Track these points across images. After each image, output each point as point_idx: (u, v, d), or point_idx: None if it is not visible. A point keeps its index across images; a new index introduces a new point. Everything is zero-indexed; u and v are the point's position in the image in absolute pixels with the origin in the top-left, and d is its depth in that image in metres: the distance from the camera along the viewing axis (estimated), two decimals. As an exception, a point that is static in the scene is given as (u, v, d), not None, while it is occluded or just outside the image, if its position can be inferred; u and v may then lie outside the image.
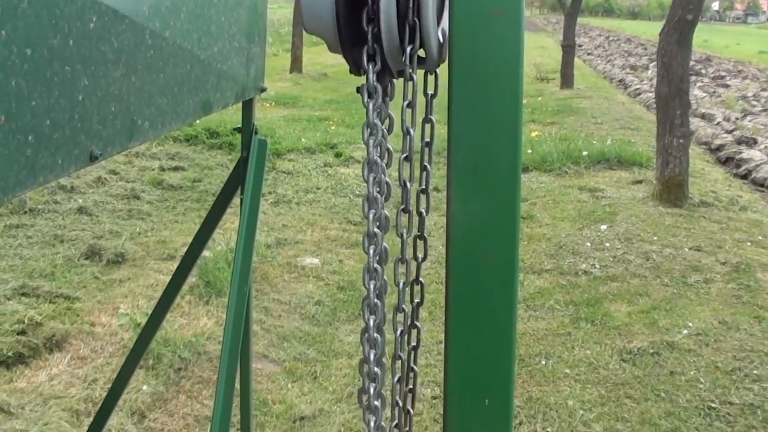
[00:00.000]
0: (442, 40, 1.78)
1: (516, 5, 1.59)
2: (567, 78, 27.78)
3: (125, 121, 1.81)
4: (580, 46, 46.54)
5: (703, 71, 36.35)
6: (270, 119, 18.86)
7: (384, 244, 1.78)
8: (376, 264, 1.75)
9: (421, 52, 1.74)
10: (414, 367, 1.94)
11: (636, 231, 10.74)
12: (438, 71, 1.83)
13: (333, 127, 18.29)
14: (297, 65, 31.11)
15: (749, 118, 20.63)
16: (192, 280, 8.24)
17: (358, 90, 1.75)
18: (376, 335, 1.76)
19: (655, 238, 10.49)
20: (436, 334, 6.94)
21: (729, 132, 18.59)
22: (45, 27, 1.43)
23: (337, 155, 15.19)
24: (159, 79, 1.99)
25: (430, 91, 1.86)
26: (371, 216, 1.74)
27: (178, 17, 2.07)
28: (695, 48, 15.76)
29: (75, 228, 10.22)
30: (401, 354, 1.87)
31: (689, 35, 12.23)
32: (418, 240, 1.86)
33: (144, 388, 6.33)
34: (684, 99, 12.24)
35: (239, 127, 2.90)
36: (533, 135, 17.02)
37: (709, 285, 9.00)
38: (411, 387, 1.96)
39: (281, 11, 59.17)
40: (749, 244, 10.39)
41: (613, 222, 11.17)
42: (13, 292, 7.94)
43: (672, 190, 12.09)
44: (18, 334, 6.92)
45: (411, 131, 1.75)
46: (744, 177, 14.86)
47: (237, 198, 2.85)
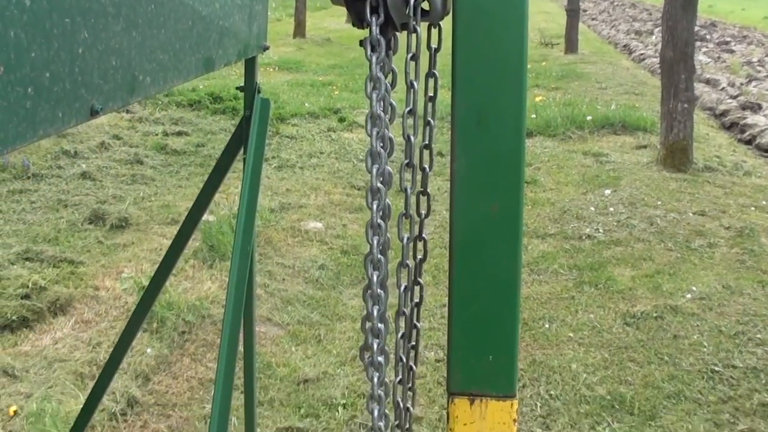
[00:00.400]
0: None
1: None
2: (571, 43, 27.62)
3: (126, 76, 1.79)
4: (584, 11, 46.26)
5: (708, 36, 36.09)
6: (273, 84, 18.79)
7: (387, 200, 1.76)
8: (379, 219, 1.73)
9: (425, 4, 1.71)
10: (417, 324, 1.93)
11: (640, 196, 10.72)
12: (442, 24, 1.81)
13: (336, 92, 18.22)
14: (300, 30, 30.92)
15: (754, 83, 20.50)
16: (195, 244, 8.24)
17: (361, 43, 1.73)
18: (379, 291, 1.75)
19: (659, 202, 10.47)
20: (439, 297, 6.94)
21: (733, 97, 18.48)
22: (44, -23, 1.41)
23: (341, 120, 15.14)
24: (160, 35, 1.97)
25: (433, 45, 1.84)
26: (375, 171, 1.72)
27: None
28: (700, 13, 15.66)
29: (78, 193, 10.22)
30: (405, 310, 1.86)
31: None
32: (421, 196, 1.84)
33: (148, 351, 6.34)
34: (689, 63, 12.17)
35: (242, 86, 2.88)
36: (537, 100, 16.95)
37: (713, 249, 8.99)
38: (414, 344, 1.95)
39: (284, -24, 58.80)
40: (753, 209, 10.36)
41: (617, 187, 11.14)
42: (17, 256, 7.94)
43: (676, 154, 12.05)
44: (22, 298, 6.94)
45: (415, 84, 1.74)
46: (748, 142, 14.78)
47: (240, 161, 2.83)
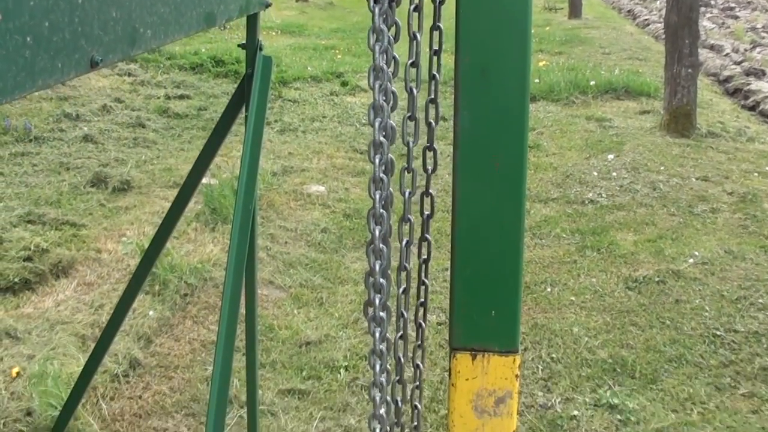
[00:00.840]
0: None
1: None
2: (575, 8, 27.48)
3: (127, 28, 1.77)
4: (588, -25, 45.86)
5: (713, 2, 35.83)
6: (276, 48, 18.69)
7: (390, 154, 1.74)
8: (381, 174, 1.72)
9: None
10: (425, 281, 1.92)
11: (643, 161, 10.69)
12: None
13: (339, 56, 18.14)
14: (303, -6, 30.78)
15: (758, 49, 20.36)
16: (197, 207, 8.23)
17: None
18: (381, 246, 1.74)
19: (662, 167, 10.44)
20: (442, 261, 6.93)
21: (737, 63, 18.37)
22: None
23: (344, 84, 15.08)
24: None
25: None
26: (377, 124, 1.70)
27: None
28: (705, -23, 15.55)
29: (80, 156, 10.20)
30: (407, 265, 1.85)
31: (700, -38, 12.06)
32: (427, 151, 1.82)
33: (150, 313, 6.35)
34: (693, 28, 12.09)
35: (243, 44, 2.85)
36: (541, 64, 16.86)
37: (716, 215, 8.97)
38: (423, 300, 1.94)
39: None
40: (756, 174, 10.33)
41: (620, 152, 11.11)
42: (19, 219, 7.94)
43: (679, 120, 12.00)
44: (24, 260, 6.94)
45: (418, 36, 1.71)
46: (752, 108, 14.70)
47: (242, 124, 2.80)
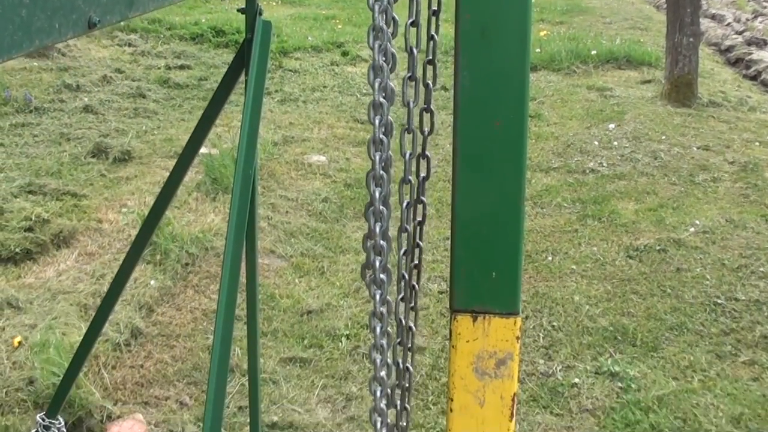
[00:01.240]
0: None
1: None
2: (577, -23, 27.32)
3: None
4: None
5: (715, -29, 35.68)
6: (276, 18, 18.59)
7: (389, 116, 1.73)
8: (381, 135, 1.71)
9: None
10: (420, 243, 1.91)
11: (644, 130, 10.66)
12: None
13: (340, 26, 18.05)
14: (303, -37, 30.58)
15: (760, 19, 20.24)
16: (198, 177, 8.23)
17: None
18: (381, 208, 1.73)
19: (664, 137, 10.42)
20: (443, 230, 6.93)
21: (739, 33, 18.26)
22: None
23: (344, 54, 15.02)
24: None
25: None
26: (377, 85, 1.69)
27: None
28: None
29: (81, 126, 10.18)
30: (407, 227, 1.84)
31: (703, -70, 11.98)
32: (424, 113, 1.81)
33: (152, 283, 6.36)
34: (695, -3, 12.05)
35: (243, 8, 2.83)
36: (542, 34, 16.78)
37: (717, 184, 8.97)
38: (417, 263, 1.94)
39: None
40: (757, 144, 10.32)
41: (622, 121, 11.08)
42: (20, 189, 7.94)
43: (681, 89, 11.96)
44: (25, 230, 6.94)
45: None
46: (753, 78, 14.65)
47: (241, 95, 2.79)
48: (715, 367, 5.69)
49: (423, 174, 1.85)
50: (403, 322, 1.93)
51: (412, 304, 1.99)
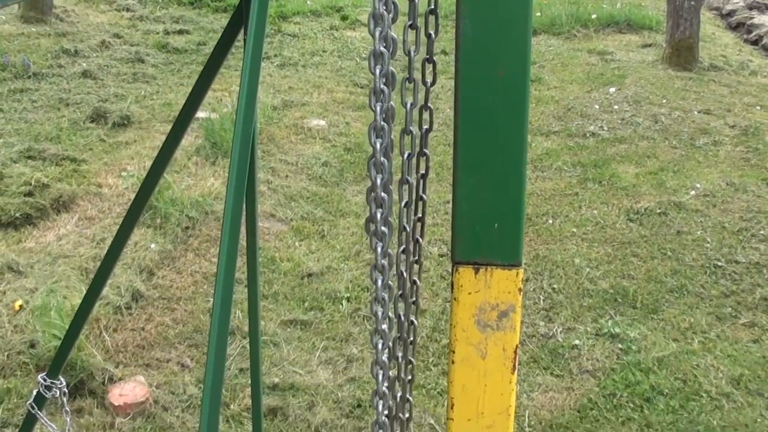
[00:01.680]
0: None
1: None
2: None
3: None
4: None
5: (717, -66, 35.42)
6: (275, -17, 18.52)
7: (391, 67, 1.71)
8: (382, 85, 1.69)
9: None
10: (423, 196, 1.90)
11: (645, 94, 10.63)
12: None
13: (339, -9, 17.96)
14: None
15: (762, -18, 20.17)
16: (198, 141, 8.21)
17: None
18: (382, 160, 1.72)
19: (664, 101, 10.39)
20: (443, 194, 6.93)
21: (741, -3, 18.19)
22: None
23: (343, 18, 14.93)
24: None
25: None
26: (377, 34, 1.67)
27: None
28: None
29: (80, 92, 10.14)
30: (408, 178, 1.83)
31: None
32: (426, 63, 1.79)
33: (152, 246, 6.36)
34: (697, -41, 11.96)
35: (241, -33, 2.79)
36: (542, -2, 16.72)
37: (718, 147, 8.95)
38: (420, 216, 1.93)
39: None
40: (758, 108, 10.28)
41: (622, 85, 11.04)
42: (19, 155, 7.92)
43: (682, 53, 11.91)
44: (25, 195, 6.93)
45: None
46: (755, 43, 14.57)
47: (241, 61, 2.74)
48: (715, 329, 5.70)
49: (426, 126, 1.83)
50: (405, 274, 1.93)
51: (416, 258, 1.99)
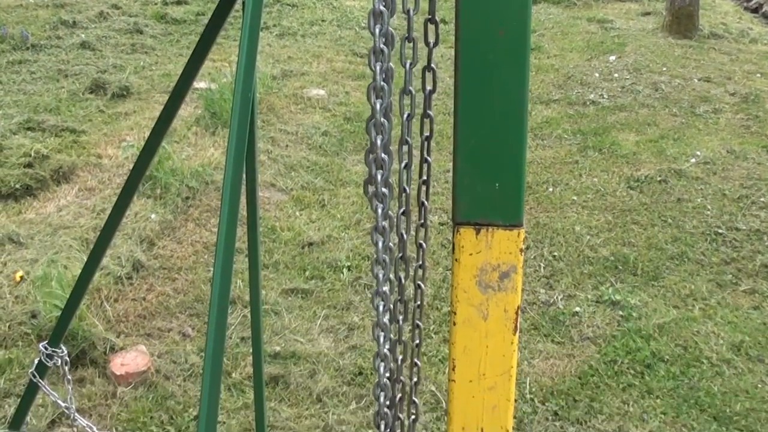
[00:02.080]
0: None
1: None
2: None
3: None
4: None
5: None
6: (273, -47, 18.42)
7: (390, 27, 1.69)
8: (382, 45, 1.67)
9: None
10: (428, 158, 1.88)
11: (645, 62, 10.59)
12: None
13: (338, -40, 17.88)
14: None
15: (763, -51, 20.06)
16: (198, 111, 8.19)
17: None
18: (383, 120, 1.70)
19: (665, 68, 10.36)
20: (443, 163, 6.91)
21: (742, -36, 18.11)
22: None
23: (343, -12, 14.90)
24: None
25: None
26: (377, -7, 1.65)
27: None
28: None
29: (78, 63, 10.10)
30: (408, 139, 1.82)
31: None
32: (429, 24, 1.77)
33: (152, 216, 6.36)
34: (697, -74, 11.90)
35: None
36: (542, -33, 16.64)
37: (718, 115, 8.93)
38: (425, 178, 1.91)
39: None
40: (759, 75, 10.26)
41: (622, 53, 11.01)
42: (19, 126, 7.91)
43: (682, 21, 11.88)
44: (25, 167, 6.92)
45: None
46: (755, 11, 14.53)
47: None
48: (716, 296, 5.71)
49: (429, 87, 1.81)
50: (405, 236, 1.92)
51: (422, 221, 1.98)
